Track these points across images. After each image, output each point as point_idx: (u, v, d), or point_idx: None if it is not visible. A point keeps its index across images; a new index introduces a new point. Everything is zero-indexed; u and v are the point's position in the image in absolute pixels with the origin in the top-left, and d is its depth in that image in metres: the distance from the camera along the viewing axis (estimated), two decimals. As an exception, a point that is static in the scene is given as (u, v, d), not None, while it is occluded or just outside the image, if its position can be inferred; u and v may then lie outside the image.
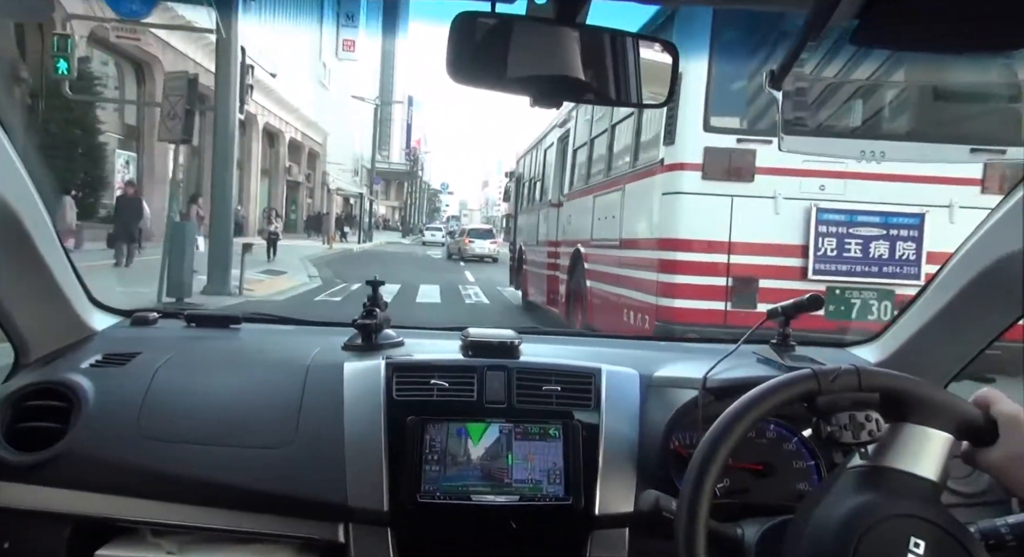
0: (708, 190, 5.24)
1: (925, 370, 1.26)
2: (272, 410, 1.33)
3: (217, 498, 1.25)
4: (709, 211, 5.27)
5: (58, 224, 1.57)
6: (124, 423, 1.30)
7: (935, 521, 0.86)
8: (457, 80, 1.06)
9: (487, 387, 1.35)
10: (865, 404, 0.94)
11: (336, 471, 1.24)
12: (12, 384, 1.37)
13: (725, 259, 5.26)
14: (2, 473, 1.25)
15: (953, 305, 1.41)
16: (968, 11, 0.82)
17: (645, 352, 1.68)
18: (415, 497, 1.22)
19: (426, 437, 1.27)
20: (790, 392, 0.93)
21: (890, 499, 0.88)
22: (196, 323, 1.69)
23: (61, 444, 1.27)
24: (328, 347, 1.51)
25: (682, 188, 5.35)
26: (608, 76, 1.12)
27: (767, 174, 5.22)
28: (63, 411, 1.31)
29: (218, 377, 1.41)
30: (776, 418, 1.34)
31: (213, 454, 1.27)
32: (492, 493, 1.25)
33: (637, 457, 1.29)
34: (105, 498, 1.26)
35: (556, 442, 1.30)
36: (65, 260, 1.47)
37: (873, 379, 0.94)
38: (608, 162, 7.36)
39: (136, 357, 1.45)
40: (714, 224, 5.21)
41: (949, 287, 1.41)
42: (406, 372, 1.36)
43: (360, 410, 1.31)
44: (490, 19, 1.04)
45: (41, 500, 1.26)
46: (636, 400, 1.39)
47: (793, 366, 1.35)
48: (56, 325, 1.50)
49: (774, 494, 1.28)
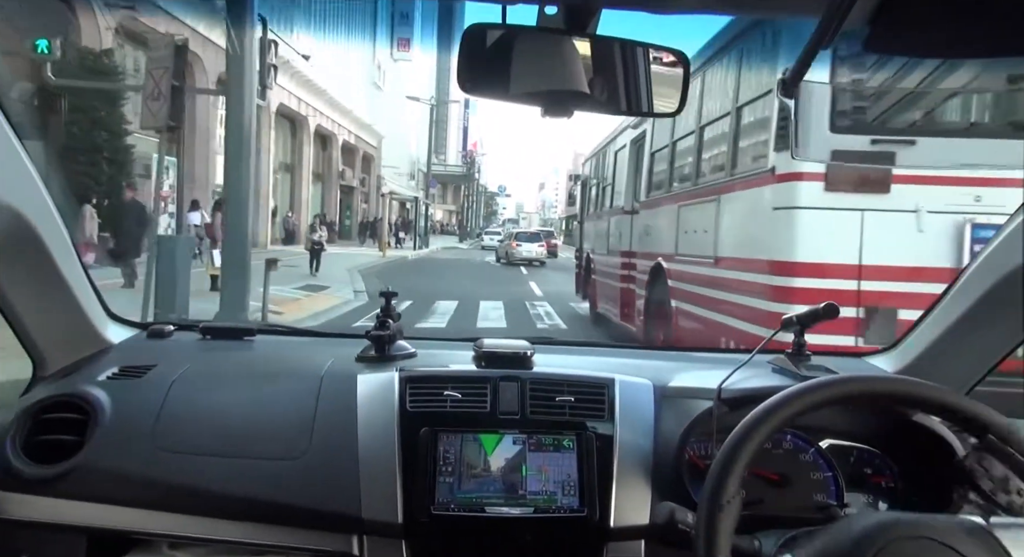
0: (833, 204, 4.71)
1: (943, 379, 1.32)
2: (286, 422, 1.44)
3: (232, 510, 1.37)
4: (834, 229, 4.76)
5: (76, 236, 1.74)
6: (140, 435, 1.41)
7: (955, 548, 0.92)
8: (468, 91, 1.14)
9: (500, 398, 1.44)
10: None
11: (350, 483, 1.34)
12: (30, 397, 1.49)
13: (855, 286, 4.70)
14: (20, 486, 1.38)
15: (972, 313, 1.45)
16: (980, 15, 0.88)
17: (658, 362, 1.73)
18: (429, 509, 1.32)
19: (440, 448, 1.37)
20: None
21: (911, 519, 0.96)
22: (211, 335, 1.82)
23: (78, 457, 1.37)
24: (342, 358, 1.63)
25: (799, 202, 4.83)
26: (619, 85, 1.18)
27: (907, 183, 4.68)
28: (80, 423, 1.42)
29: (233, 389, 1.54)
30: (792, 429, 1.42)
31: (228, 466, 1.39)
32: (506, 505, 1.34)
33: (651, 468, 1.37)
34: (122, 510, 1.36)
35: (570, 453, 1.38)
36: (82, 273, 1.61)
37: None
38: (696, 168, 6.95)
39: (152, 369, 1.58)
40: (840, 245, 4.72)
41: (968, 295, 1.46)
42: (419, 383, 1.47)
43: (374, 421, 1.41)
44: (501, 30, 1.12)
45: (59, 513, 1.35)
46: (650, 410, 1.47)
47: (808, 375, 1.41)
48: (73, 338, 1.65)
49: (790, 505, 1.35)
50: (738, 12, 2.41)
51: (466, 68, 1.10)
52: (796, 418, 1.03)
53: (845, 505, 1.37)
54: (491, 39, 1.10)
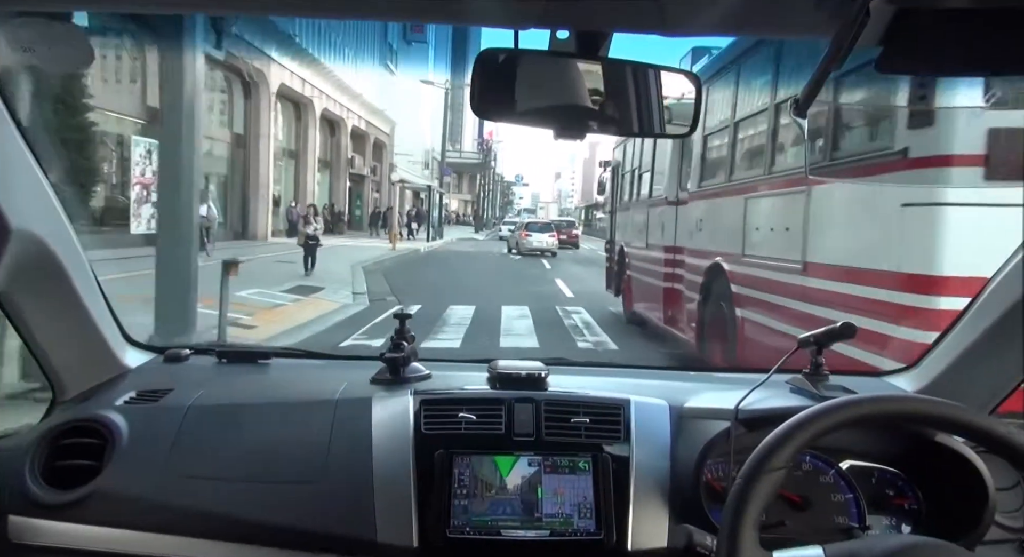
0: (993, 199, 3.42)
1: (965, 398, 1.29)
2: (301, 445, 1.45)
3: (248, 535, 1.38)
4: (995, 232, 3.19)
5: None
6: (157, 460, 1.44)
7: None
8: (481, 115, 1.17)
9: (515, 420, 1.45)
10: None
11: (365, 506, 1.35)
12: (48, 422, 1.52)
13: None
14: (39, 511, 1.39)
15: (994, 331, 1.45)
16: (992, 33, 0.88)
17: (674, 382, 1.74)
18: (445, 532, 1.33)
19: (455, 471, 1.38)
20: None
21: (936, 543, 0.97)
22: (227, 359, 1.84)
23: (95, 482, 1.39)
24: (356, 381, 1.64)
25: (946, 196, 3.63)
26: (631, 107, 1.19)
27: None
28: (98, 448, 1.44)
29: (248, 413, 1.55)
30: (812, 450, 1.41)
31: (244, 490, 1.40)
32: (522, 528, 1.34)
33: (669, 490, 1.38)
34: (139, 535, 1.38)
35: (586, 475, 1.39)
36: (101, 297, 1.64)
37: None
38: (771, 153, 5.72)
39: (168, 394, 1.60)
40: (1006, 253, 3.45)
41: (990, 312, 1.46)
42: (434, 406, 1.48)
43: (389, 444, 1.42)
44: (513, 54, 1.14)
45: (77, 538, 1.37)
46: (666, 432, 1.47)
47: (827, 395, 1.42)
48: (92, 363, 1.67)
49: (811, 528, 1.34)
50: (748, 33, 2.16)
51: (479, 92, 1.12)
52: (817, 439, 1.03)
53: (867, 527, 1.38)
54: (504, 63, 1.13)
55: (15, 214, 1.29)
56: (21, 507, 1.37)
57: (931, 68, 1.04)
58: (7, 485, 1.39)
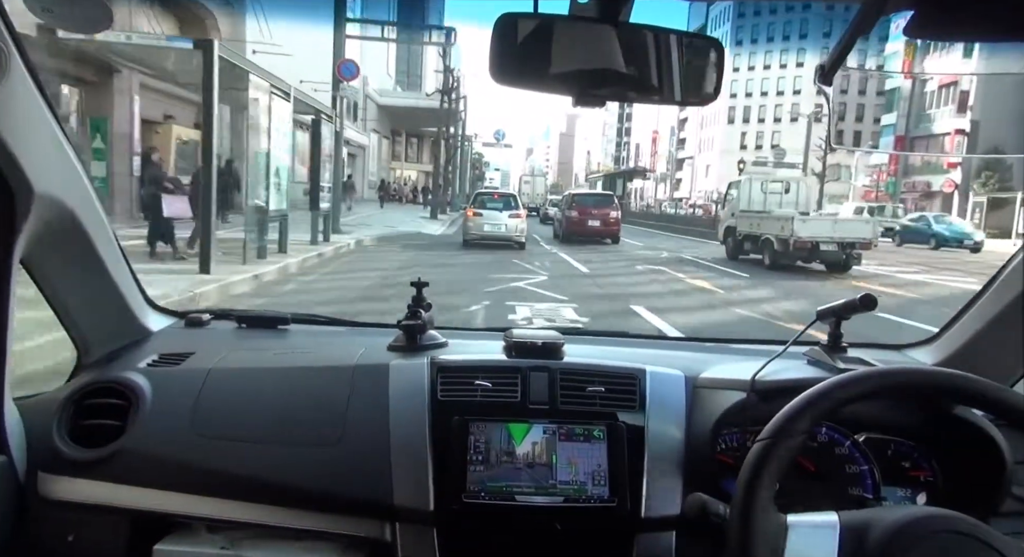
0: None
1: (985, 372, 1.26)
2: (319, 410, 1.48)
3: (268, 495, 1.41)
4: None
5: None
6: (179, 421, 1.47)
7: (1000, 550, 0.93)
8: (500, 81, 1.15)
9: (531, 388, 1.46)
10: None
11: (382, 470, 1.38)
12: (75, 383, 1.56)
13: None
14: (65, 468, 1.44)
15: (1015, 305, 1.44)
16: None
17: (690, 353, 1.74)
18: (460, 497, 1.35)
19: (470, 437, 1.39)
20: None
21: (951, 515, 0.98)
22: (246, 324, 1.88)
23: (119, 441, 1.43)
24: (373, 348, 1.66)
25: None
26: (652, 74, 1.18)
27: None
28: (122, 409, 1.48)
29: (268, 377, 1.58)
30: (828, 422, 1.41)
31: (263, 452, 1.43)
32: (536, 494, 1.36)
33: (683, 459, 1.38)
34: (162, 494, 1.42)
35: (600, 444, 1.40)
36: (124, 262, 1.68)
37: None
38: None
39: (190, 357, 1.64)
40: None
41: (1012, 286, 1.45)
42: (450, 373, 1.50)
43: (405, 410, 1.44)
44: (533, 20, 1.13)
45: (102, 495, 1.42)
46: (682, 402, 1.47)
47: (845, 368, 1.41)
48: (115, 326, 1.71)
49: (825, 498, 1.33)
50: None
51: (498, 58, 1.11)
52: (837, 410, 1.04)
53: (882, 498, 1.39)
54: (522, 28, 1.12)
55: (39, 179, 1.31)
56: (50, 464, 1.42)
57: (965, 33, 1.02)
58: (37, 443, 1.44)
